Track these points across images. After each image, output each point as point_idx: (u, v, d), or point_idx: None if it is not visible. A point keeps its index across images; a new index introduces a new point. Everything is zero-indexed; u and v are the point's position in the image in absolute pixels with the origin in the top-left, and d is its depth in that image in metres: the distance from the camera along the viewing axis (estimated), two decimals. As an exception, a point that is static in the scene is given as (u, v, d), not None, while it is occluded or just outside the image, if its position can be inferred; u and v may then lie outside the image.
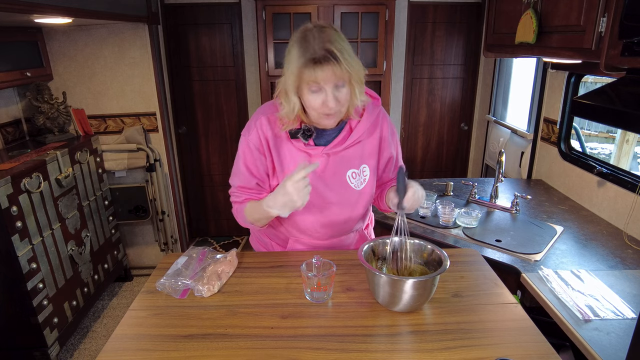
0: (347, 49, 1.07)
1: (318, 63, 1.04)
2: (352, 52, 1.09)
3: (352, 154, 1.25)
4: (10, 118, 2.56)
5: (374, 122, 1.26)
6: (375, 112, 1.26)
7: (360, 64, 1.11)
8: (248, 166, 1.25)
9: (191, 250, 1.32)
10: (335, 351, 0.92)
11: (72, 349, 2.42)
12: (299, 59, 1.05)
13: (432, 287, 1.03)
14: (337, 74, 1.05)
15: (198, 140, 3.48)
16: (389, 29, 2.90)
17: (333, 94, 1.08)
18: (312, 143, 1.22)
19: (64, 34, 2.65)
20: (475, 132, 3.53)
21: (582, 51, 1.45)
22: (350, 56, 1.07)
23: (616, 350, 1.10)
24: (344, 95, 1.10)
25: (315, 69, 1.04)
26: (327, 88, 1.08)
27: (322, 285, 1.07)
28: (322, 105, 1.09)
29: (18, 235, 1.93)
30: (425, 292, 1.01)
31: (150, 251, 3.19)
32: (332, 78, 1.06)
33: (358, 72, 1.09)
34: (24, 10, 1.64)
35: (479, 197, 2.16)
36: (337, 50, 1.04)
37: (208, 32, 3.21)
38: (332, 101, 1.08)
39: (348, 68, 1.05)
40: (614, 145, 3.81)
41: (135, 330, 1.02)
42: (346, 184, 1.26)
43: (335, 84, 1.08)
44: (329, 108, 1.09)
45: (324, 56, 1.03)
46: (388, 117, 1.32)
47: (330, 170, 1.24)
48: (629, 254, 1.62)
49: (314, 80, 1.06)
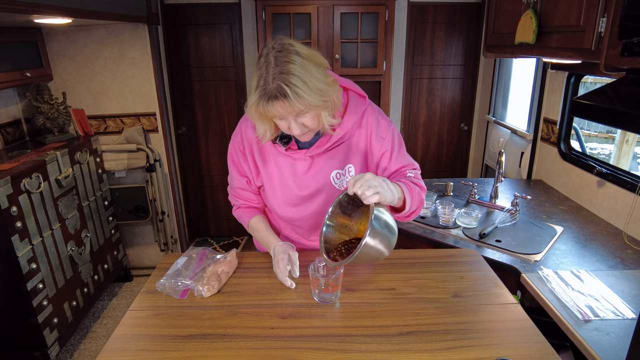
0: (305, 79, 0.99)
1: (271, 99, 0.99)
2: (311, 80, 1.00)
3: (335, 154, 1.22)
4: (10, 118, 2.56)
5: (357, 120, 1.21)
6: (359, 109, 1.20)
7: (321, 91, 1.02)
8: (237, 168, 1.31)
9: (191, 251, 1.32)
10: (335, 351, 0.93)
11: (72, 350, 2.41)
12: (255, 92, 1.01)
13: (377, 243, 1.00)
14: (290, 109, 1.01)
15: (198, 140, 3.48)
16: (389, 29, 2.90)
17: (296, 122, 1.06)
18: (295, 147, 1.21)
19: (64, 34, 2.66)
20: (475, 133, 3.53)
21: (581, 51, 1.45)
22: (307, 89, 0.99)
23: (616, 351, 1.10)
24: (309, 120, 1.06)
25: (268, 105, 1.00)
26: (290, 119, 1.05)
27: (334, 286, 1.08)
28: (289, 130, 1.09)
29: (18, 235, 1.92)
30: (380, 238, 0.99)
31: (150, 251, 3.19)
32: (287, 112, 1.02)
33: (315, 104, 1.02)
34: (23, 10, 1.64)
35: (479, 198, 2.16)
36: (290, 86, 0.97)
37: (208, 32, 3.21)
38: (297, 129, 1.07)
39: (300, 105, 1.00)
40: (613, 145, 3.81)
41: (135, 330, 1.02)
42: (330, 185, 1.24)
43: (294, 115, 1.04)
44: (296, 134, 1.09)
45: (275, 94, 0.98)
46: (377, 113, 1.25)
47: (313, 172, 1.23)
48: (629, 254, 1.62)
49: (271, 115, 1.04)
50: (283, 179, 1.24)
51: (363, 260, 1.03)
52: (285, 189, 1.25)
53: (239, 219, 1.40)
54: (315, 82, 1.01)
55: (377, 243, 0.99)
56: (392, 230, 1.03)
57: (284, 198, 1.27)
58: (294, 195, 1.25)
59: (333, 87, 1.08)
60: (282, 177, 1.24)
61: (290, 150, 1.21)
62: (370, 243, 0.97)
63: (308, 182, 1.24)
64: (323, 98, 1.03)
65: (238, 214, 1.39)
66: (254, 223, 1.35)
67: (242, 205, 1.38)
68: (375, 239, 0.98)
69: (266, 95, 0.99)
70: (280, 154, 1.22)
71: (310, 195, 1.25)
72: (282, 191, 1.26)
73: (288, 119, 1.06)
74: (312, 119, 1.06)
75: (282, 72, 0.98)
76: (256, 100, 1.01)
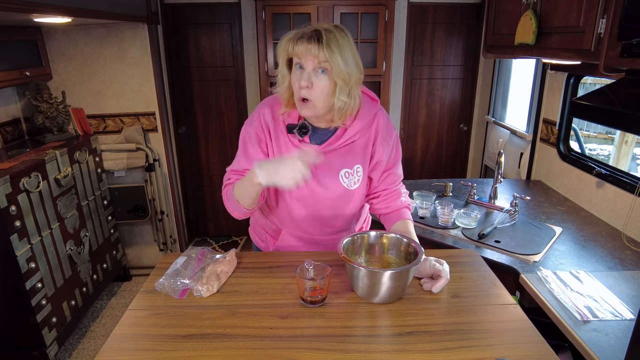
0: (341, 43, 1.07)
1: (302, 38, 1.07)
2: (348, 54, 1.08)
3: (345, 153, 1.25)
4: (9, 117, 2.56)
5: (368, 123, 1.25)
6: (371, 112, 1.25)
7: (351, 66, 1.09)
8: (248, 156, 1.27)
9: (190, 250, 1.32)
10: (334, 352, 0.92)
11: (70, 349, 2.41)
12: (292, 34, 1.10)
13: (407, 279, 1.06)
14: (316, 54, 1.06)
15: (197, 140, 3.48)
16: (389, 29, 2.90)
17: (309, 76, 1.09)
18: (308, 141, 1.23)
19: (64, 33, 2.65)
20: (475, 133, 3.54)
21: (581, 52, 1.45)
22: (338, 50, 1.06)
23: (615, 352, 1.10)
24: (321, 83, 1.10)
25: (298, 43, 1.07)
26: (307, 68, 1.10)
27: (320, 289, 1.07)
28: (299, 86, 1.11)
29: (17, 234, 1.92)
30: (401, 283, 1.05)
31: (149, 251, 3.19)
32: (312, 57, 1.07)
33: (340, 67, 1.07)
34: (23, 9, 1.64)
35: (478, 198, 2.16)
36: (327, 36, 1.06)
37: (208, 32, 3.21)
38: (305, 80, 1.09)
39: (329, 55, 1.06)
40: (612, 146, 3.82)
41: (134, 330, 1.02)
42: (338, 183, 1.27)
43: (315, 67, 1.09)
44: (301, 87, 1.10)
45: (311, 35, 1.07)
46: (386, 119, 1.29)
47: (323, 169, 1.25)
48: (628, 255, 1.62)
49: (295, 54, 1.09)
50: None
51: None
52: None
53: (226, 194, 1.28)
54: (349, 55, 1.09)
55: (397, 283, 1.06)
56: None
57: (294, 190, 1.26)
58: (305, 187, 1.25)
59: (358, 80, 1.14)
60: None
61: (303, 144, 1.22)
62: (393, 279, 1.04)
63: (318, 177, 1.25)
64: (348, 70, 1.09)
65: (227, 190, 1.28)
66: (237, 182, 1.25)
67: (235, 180, 1.28)
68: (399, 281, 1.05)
69: (301, 34, 1.08)
70: (294, 146, 1.24)
71: (319, 191, 1.27)
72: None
73: (305, 67, 1.09)
74: (324, 84, 1.10)
75: (327, 29, 1.08)
76: (290, 37, 1.10)
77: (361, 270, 1.05)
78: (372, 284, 1.05)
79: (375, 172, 1.32)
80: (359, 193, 1.31)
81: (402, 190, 1.38)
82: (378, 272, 1.03)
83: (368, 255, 1.22)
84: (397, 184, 1.37)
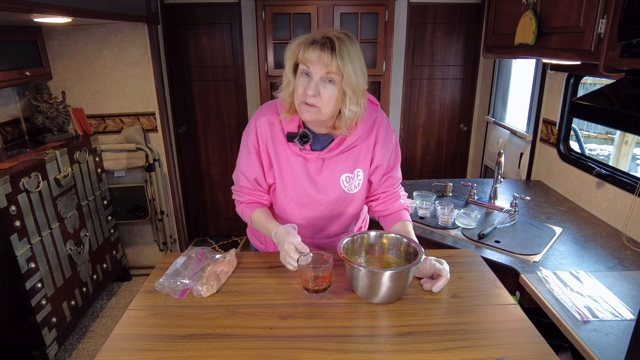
0: (351, 53, 1.07)
1: (315, 45, 1.06)
2: (357, 63, 1.08)
3: (346, 158, 1.25)
4: (9, 117, 2.56)
5: (369, 127, 1.25)
6: (372, 117, 1.25)
7: (360, 76, 1.10)
8: (247, 165, 1.28)
9: (190, 251, 1.32)
10: (334, 351, 0.93)
11: (70, 349, 2.41)
12: (302, 39, 1.09)
13: (407, 279, 1.07)
14: (328, 63, 1.06)
15: (197, 140, 3.48)
16: (389, 29, 2.90)
17: (316, 85, 1.09)
18: (309, 148, 1.23)
19: (64, 33, 2.65)
20: (475, 133, 3.54)
21: (581, 52, 1.45)
22: (349, 59, 1.06)
23: (615, 352, 1.10)
24: (328, 92, 1.09)
25: (310, 49, 1.07)
26: (315, 76, 1.08)
27: (324, 277, 1.09)
28: (303, 92, 1.10)
29: (17, 234, 1.92)
30: (401, 283, 1.06)
31: (149, 251, 3.19)
32: (322, 66, 1.06)
33: (351, 77, 1.07)
34: (24, 9, 1.64)
35: (478, 198, 2.16)
36: (338, 44, 1.05)
37: (208, 32, 3.21)
38: (312, 89, 1.09)
39: (341, 64, 1.05)
40: (612, 146, 3.82)
41: (134, 330, 1.02)
42: (339, 188, 1.27)
43: (323, 76, 1.08)
44: (307, 95, 1.09)
45: (323, 42, 1.06)
46: (386, 122, 1.29)
47: (324, 174, 1.25)
48: (628, 255, 1.62)
49: (304, 60, 1.08)
50: (295, 177, 1.25)
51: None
52: (297, 188, 1.26)
53: (242, 215, 1.36)
54: (358, 64, 1.10)
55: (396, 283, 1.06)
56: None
57: (294, 197, 1.28)
58: (305, 194, 1.27)
59: (364, 90, 1.15)
60: (294, 176, 1.25)
61: (304, 151, 1.22)
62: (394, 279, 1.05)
63: (319, 183, 1.26)
64: (357, 80, 1.09)
65: (241, 208, 1.35)
66: (257, 214, 1.31)
67: (249, 202, 1.35)
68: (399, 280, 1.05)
69: (313, 39, 1.07)
70: (293, 154, 1.24)
71: (320, 197, 1.27)
72: (293, 190, 1.27)
73: (313, 76, 1.08)
74: (331, 94, 1.09)
75: (337, 37, 1.07)
76: (301, 42, 1.08)
77: (361, 270, 1.05)
78: (372, 284, 1.05)
79: (375, 175, 1.32)
80: (359, 196, 1.32)
81: (401, 192, 1.38)
82: (378, 272, 1.04)
83: (368, 256, 1.22)
84: (396, 187, 1.37)
